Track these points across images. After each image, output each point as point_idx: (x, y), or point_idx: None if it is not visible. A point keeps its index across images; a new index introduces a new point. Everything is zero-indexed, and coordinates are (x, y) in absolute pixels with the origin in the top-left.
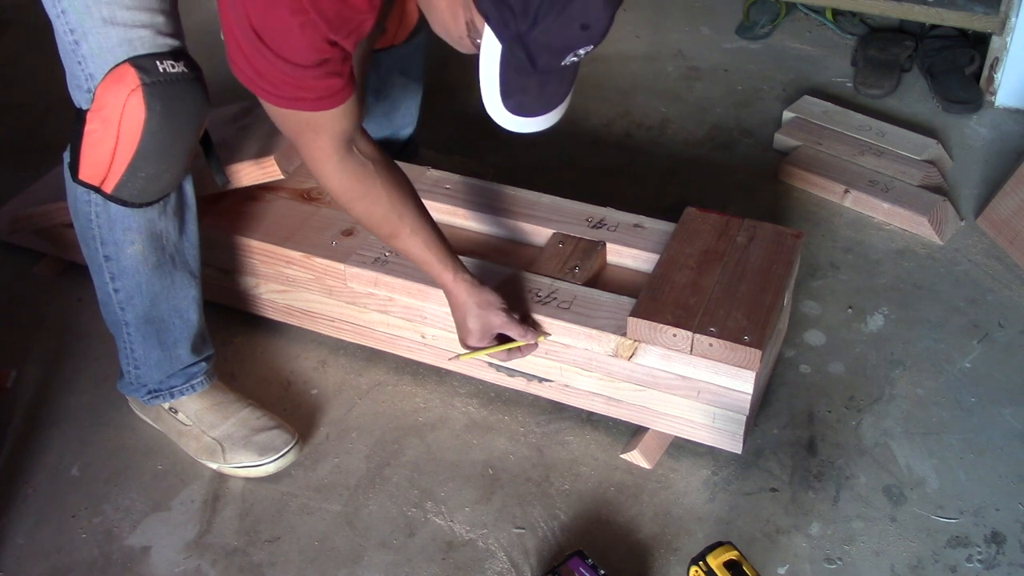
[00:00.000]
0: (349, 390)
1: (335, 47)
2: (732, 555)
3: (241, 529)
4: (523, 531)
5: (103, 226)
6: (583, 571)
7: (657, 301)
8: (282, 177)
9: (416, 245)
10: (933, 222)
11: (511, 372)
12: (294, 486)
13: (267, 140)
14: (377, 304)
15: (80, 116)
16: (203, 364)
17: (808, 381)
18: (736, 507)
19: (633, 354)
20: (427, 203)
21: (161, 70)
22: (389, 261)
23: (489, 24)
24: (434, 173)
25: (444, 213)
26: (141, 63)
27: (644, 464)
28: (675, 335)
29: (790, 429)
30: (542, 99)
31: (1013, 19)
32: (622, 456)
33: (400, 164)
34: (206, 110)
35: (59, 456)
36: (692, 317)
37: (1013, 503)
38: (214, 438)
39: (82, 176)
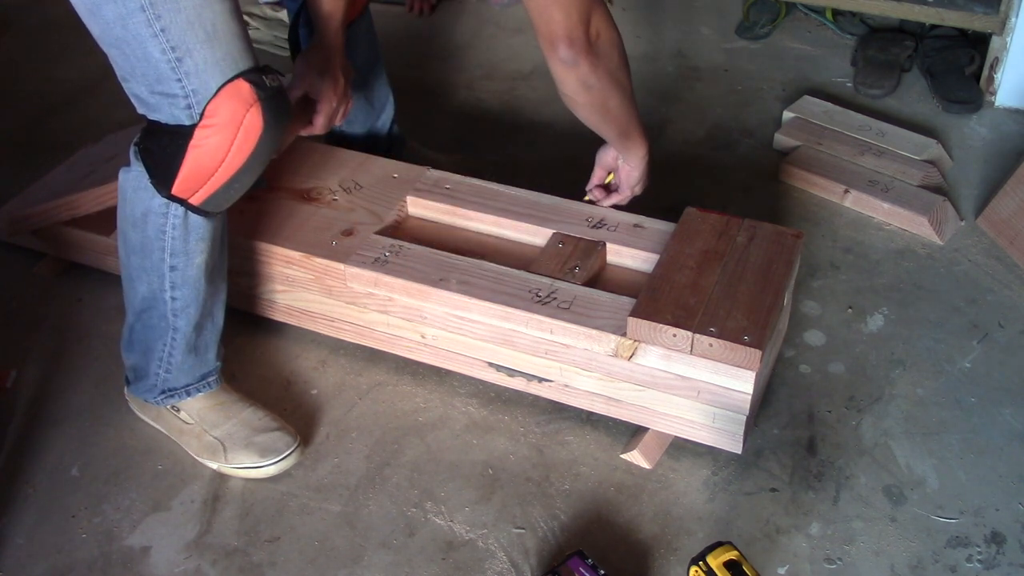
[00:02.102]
0: (349, 390)
1: None
2: (732, 555)
3: (241, 529)
4: (523, 531)
5: (177, 237)
6: (583, 571)
7: (657, 301)
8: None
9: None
10: (933, 222)
11: (511, 372)
12: (294, 486)
13: None
14: (377, 304)
15: (179, 132)
16: (219, 363)
17: (808, 381)
18: (736, 507)
19: (633, 354)
20: (427, 203)
21: (268, 84)
22: (389, 261)
23: None
24: (434, 173)
25: (444, 213)
26: (252, 78)
27: (644, 464)
28: (675, 335)
29: (790, 429)
30: None
31: (1013, 19)
32: (622, 456)
33: (399, 164)
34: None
35: (59, 456)
36: (692, 317)
37: (1013, 503)
38: (216, 437)
39: (176, 191)
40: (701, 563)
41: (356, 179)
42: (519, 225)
